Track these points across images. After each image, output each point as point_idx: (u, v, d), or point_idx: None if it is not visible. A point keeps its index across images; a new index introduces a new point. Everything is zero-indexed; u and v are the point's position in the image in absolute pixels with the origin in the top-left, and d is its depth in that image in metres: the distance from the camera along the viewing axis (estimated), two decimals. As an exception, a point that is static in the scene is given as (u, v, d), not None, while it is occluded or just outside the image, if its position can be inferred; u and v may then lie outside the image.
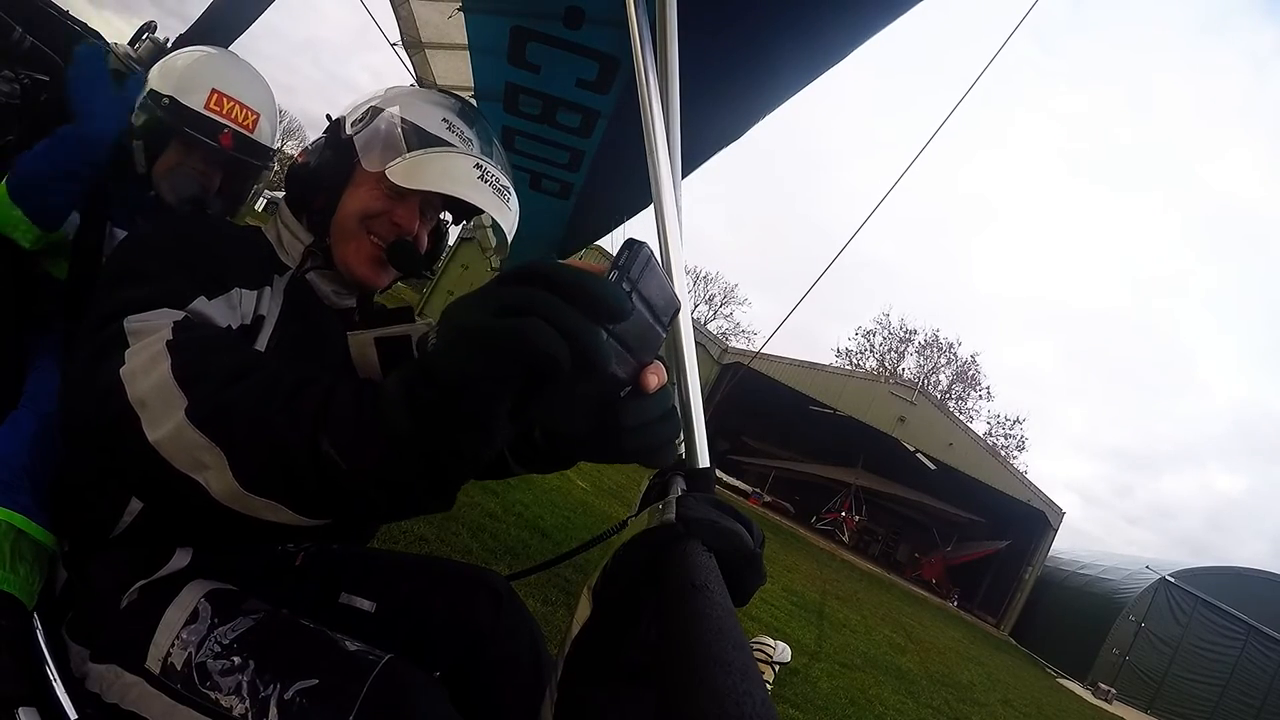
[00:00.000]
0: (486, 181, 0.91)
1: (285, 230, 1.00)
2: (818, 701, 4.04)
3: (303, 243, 0.99)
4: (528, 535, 3.99)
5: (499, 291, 0.45)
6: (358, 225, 0.96)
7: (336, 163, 0.97)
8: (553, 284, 0.44)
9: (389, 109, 0.97)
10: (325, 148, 0.99)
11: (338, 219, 0.97)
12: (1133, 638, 17.94)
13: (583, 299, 0.44)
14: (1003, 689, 9.01)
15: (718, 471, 1.04)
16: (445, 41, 2.10)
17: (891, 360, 40.29)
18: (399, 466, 0.50)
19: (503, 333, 0.42)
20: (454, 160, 0.91)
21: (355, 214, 0.95)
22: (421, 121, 0.95)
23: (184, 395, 0.58)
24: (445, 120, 0.97)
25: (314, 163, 0.99)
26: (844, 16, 1.50)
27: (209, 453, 0.56)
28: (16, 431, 1.06)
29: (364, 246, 0.96)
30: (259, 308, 0.89)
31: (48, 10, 1.67)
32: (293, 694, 0.77)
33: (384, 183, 0.93)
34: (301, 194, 1.00)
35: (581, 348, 0.43)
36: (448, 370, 0.45)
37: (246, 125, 1.43)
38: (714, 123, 2.00)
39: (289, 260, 0.99)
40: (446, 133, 0.96)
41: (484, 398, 0.45)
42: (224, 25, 1.89)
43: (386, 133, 0.95)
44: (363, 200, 0.95)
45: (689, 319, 0.97)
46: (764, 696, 0.33)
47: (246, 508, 0.58)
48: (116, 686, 0.79)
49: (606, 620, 0.58)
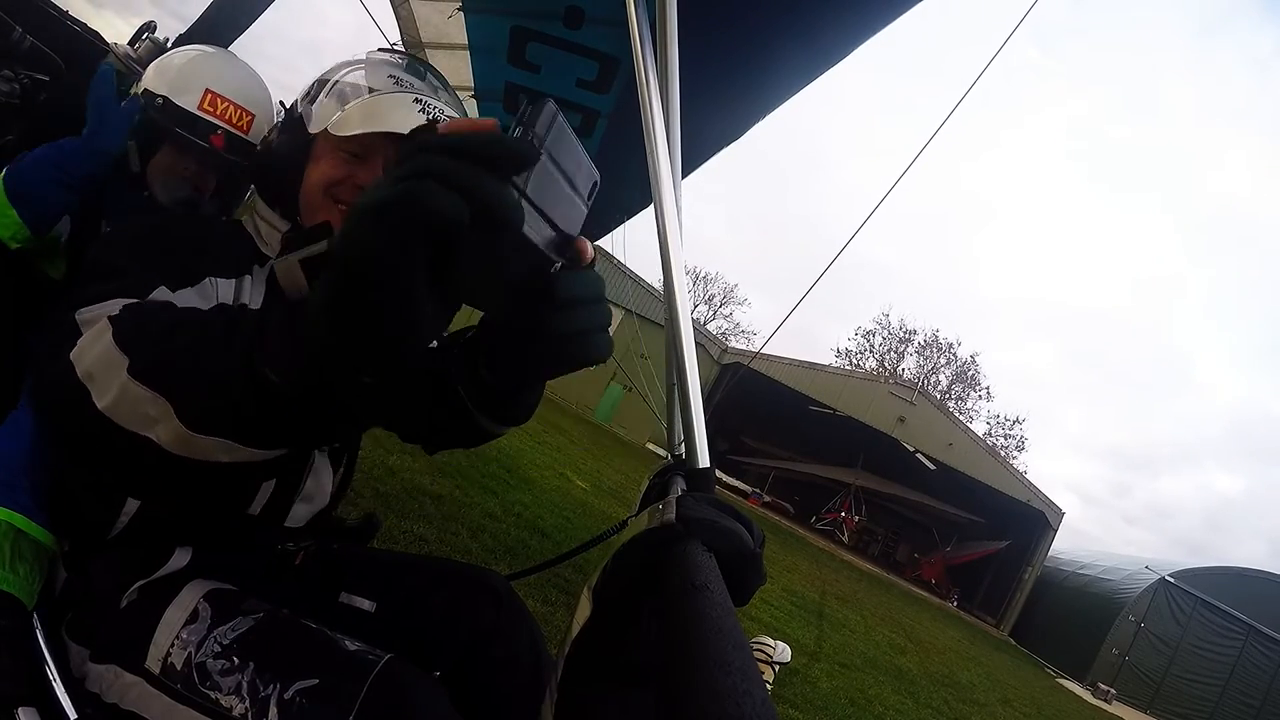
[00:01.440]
0: (427, 114, 0.90)
1: (262, 221, 1.00)
2: (817, 702, 4.04)
3: (279, 230, 0.98)
4: (527, 535, 3.99)
5: (393, 166, 0.44)
6: (323, 196, 0.94)
7: (292, 142, 0.97)
8: (445, 146, 0.43)
9: (334, 76, 0.98)
10: (281, 131, 1.00)
11: (304, 195, 0.96)
12: (1132, 638, 17.96)
13: (477, 152, 0.42)
14: (1002, 689, 9.01)
15: (717, 472, 1.04)
16: (445, 41, 2.10)
17: (891, 360, 40.33)
18: (331, 366, 0.48)
19: (395, 200, 0.41)
20: (392, 100, 0.91)
21: (318, 185, 0.94)
22: (367, 80, 0.96)
23: (125, 356, 0.58)
24: (392, 76, 0.97)
25: (272, 146, 1.00)
26: (844, 16, 1.50)
27: (154, 405, 0.56)
28: (16, 431, 1.06)
29: (333, 215, 0.94)
30: (240, 295, 0.88)
31: (48, 10, 1.67)
32: (293, 694, 0.77)
33: (340, 149, 0.92)
34: (267, 180, 1.00)
35: (482, 202, 0.41)
36: (348, 250, 0.43)
37: (241, 126, 1.42)
38: (714, 123, 2.01)
39: (270, 250, 0.98)
40: (394, 88, 0.95)
41: (390, 271, 0.43)
42: (223, 25, 1.89)
43: (332, 96, 0.95)
44: (323, 170, 0.94)
45: (689, 319, 0.97)
46: (764, 696, 0.33)
47: (199, 451, 0.57)
48: (116, 686, 0.79)
49: (606, 620, 0.57)
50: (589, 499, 6.41)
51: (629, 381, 16.87)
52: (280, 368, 0.50)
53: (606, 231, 4.04)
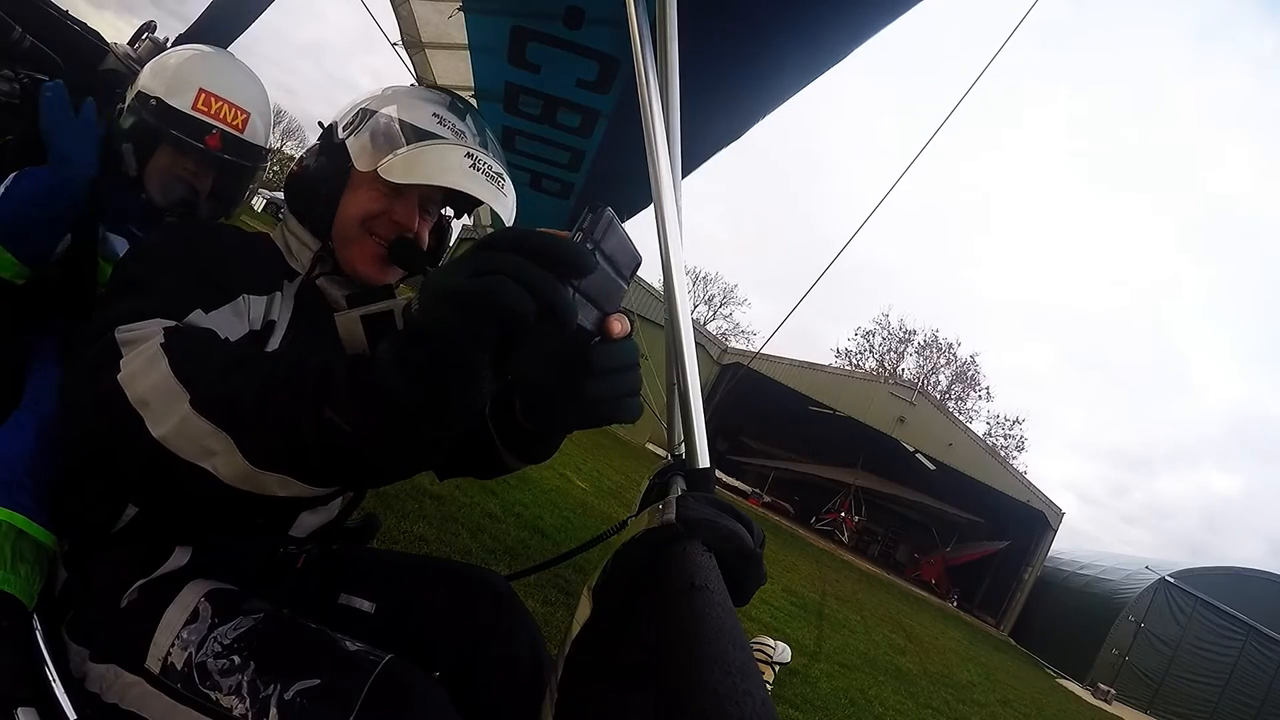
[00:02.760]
0: (479, 169, 0.90)
1: (292, 237, 1.00)
2: (817, 702, 4.04)
3: (310, 249, 0.99)
4: (527, 536, 3.99)
5: (472, 258, 0.50)
6: (358, 228, 0.95)
7: (331, 168, 0.97)
8: (520, 247, 0.50)
9: (378, 109, 0.97)
10: (320, 154, 1.00)
11: (338, 223, 0.97)
12: (1132, 638, 17.93)
13: (548, 258, 0.49)
14: (1002, 689, 9.01)
15: (717, 472, 1.04)
16: (445, 41, 2.10)
17: (891, 360, 40.32)
18: (398, 423, 0.55)
19: (475, 291, 0.48)
20: (444, 151, 0.91)
21: (355, 217, 0.95)
22: (411, 118, 0.95)
23: (186, 389, 0.61)
24: (436, 115, 0.97)
25: (310, 170, 1.00)
26: (844, 16, 1.50)
27: (216, 438, 0.59)
28: (18, 432, 1.06)
29: (367, 247, 0.96)
30: (269, 313, 0.90)
31: (48, 10, 1.66)
32: (293, 694, 0.77)
33: (379, 182, 0.93)
34: (302, 202, 1.00)
35: (548, 302, 0.49)
36: (430, 328, 0.51)
37: (236, 126, 1.41)
38: (714, 123, 2.00)
39: (298, 266, 0.99)
40: (438, 127, 0.95)
41: (463, 351, 0.51)
42: (223, 25, 1.89)
43: (377, 132, 0.95)
44: (361, 203, 0.95)
45: (689, 319, 0.97)
46: (764, 696, 0.33)
47: (257, 486, 0.61)
48: (116, 686, 0.79)
49: (606, 620, 0.57)
50: (589, 499, 6.40)
51: (629, 381, 16.79)
52: (349, 417, 0.56)
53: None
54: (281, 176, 43.89)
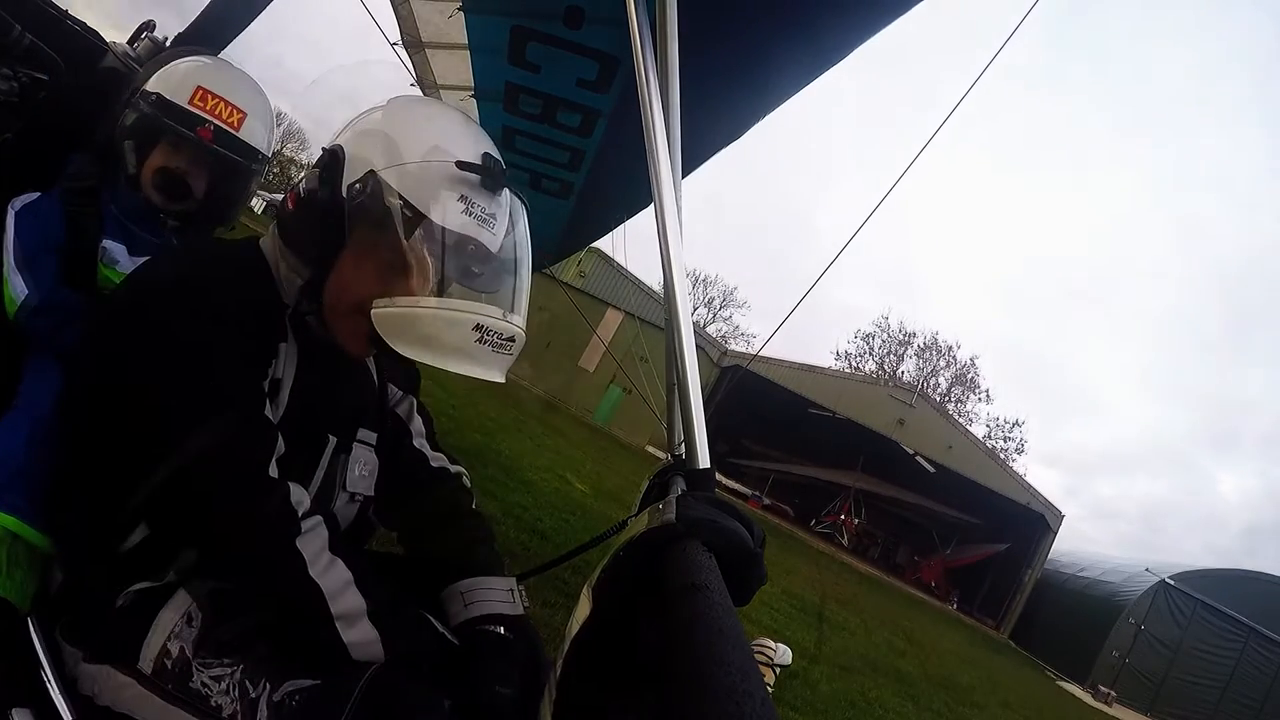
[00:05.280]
0: (486, 341, 0.82)
1: (283, 261, 0.94)
2: (818, 704, 4.03)
3: (300, 278, 0.92)
4: (527, 537, 3.98)
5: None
6: (354, 310, 0.87)
7: (327, 229, 0.87)
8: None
9: (390, 178, 0.84)
10: (316, 204, 0.87)
11: (332, 291, 0.89)
12: (1133, 640, 17.93)
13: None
14: (1003, 692, 9.00)
15: (717, 475, 1.04)
16: (445, 41, 2.11)
17: (890, 363, 40.33)
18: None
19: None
20: (452, 324, 0.82)
21: (351, 302, 0.87)
22: (429, 206, 0.83)
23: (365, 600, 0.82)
24: (464, 199, 0.84)
25: (303, 218, 0.89)
26: (844, 17, 1.50)
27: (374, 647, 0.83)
28: (11, 433, 1.06)
29: (359, 327, 0.87)
30: (276, 370, 0.88)
31: (47, 9, 1.66)
32: (282, 695, 0.77)
33: (374, 254, 0.86)
34: (296, 244, 0.92)
35: None
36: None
37: (231, 123, 1.41)
38: (714, 123, 2.00)
39: (286, 295, 0.93)
40: (461, 217, 0.84)
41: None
42: (223, 24, 1.88)
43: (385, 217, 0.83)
44: (359, 286, 0.86)
45: (689, 320, 0.97)
46: (764, 695, 0.33)
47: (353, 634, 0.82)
48: (110, 688, 0.78)
49: (606, 620, 0.57)
50: (589, 501, 6.40)
51: (629, 383, 16.88)
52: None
53: (606, 231, 4.04)
54: (282, 178, 43.31)
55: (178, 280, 0.87)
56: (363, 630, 0.80)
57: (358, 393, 1.04)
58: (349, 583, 0.81)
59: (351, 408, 1.01)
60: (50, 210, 1.31)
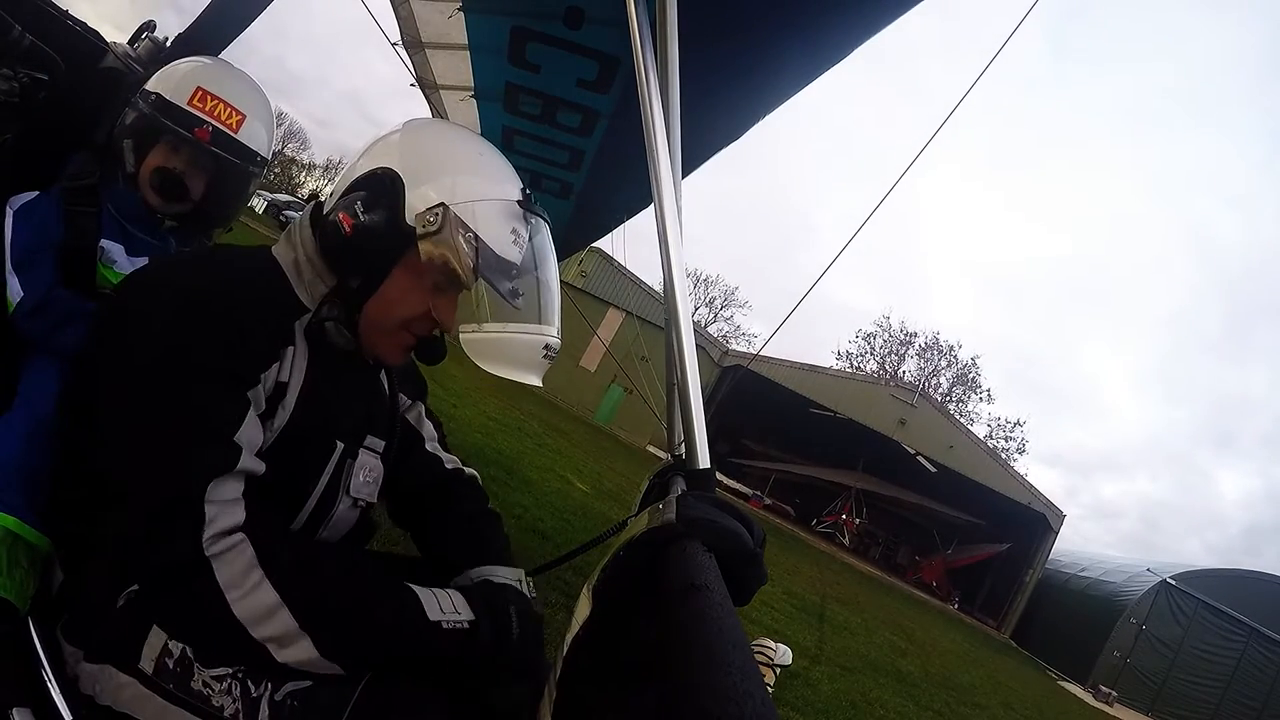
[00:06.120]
0: (548, 357, 0.97)
1: (307, 264, 0.94)
2: (818, 704, 4.02)
3: (325, 285, 0.93)
4: (527, 538, 3.98)
5: None
6: (399, 326, 0.94)
7: (386, 250, 0.90)
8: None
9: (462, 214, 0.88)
10: (376, 229, 0.89)
11: (376, 309, 0.92)
12: (1134, 640, 17.92)
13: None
14: (1004, 692, 8.99)
15: (718, 474, 1.04)
16: (445, 41, 2.10)
17: (892, 363, 40.32)
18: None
19: None
20: (529, 346, 0.96)
21: (399, 318, 0.93)
22: (495, 241, 0.91)
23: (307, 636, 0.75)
24: (514, 232, 0.93)
25: (359, 239, 0.90)
26: (844, 17, 1.50)
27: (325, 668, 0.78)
28: (10, 433, 1.06)
29: (401, 340, 0.96)
30: (280, 374, 0.87)
31: (47, 9, 1.66)
32: (283, 695, 0.77)
33: (429, 276, 0.90)
34: (341, 262, 0.93)
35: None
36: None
37: (230, 124, 1.41)
38: (714, 123, 2.00)
39: (306, 298, 0.93)
40: (510, 248, 0.93)
41: None
42: (223, 23, 1.88)
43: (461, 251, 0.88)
44: (409, 305, 0.92)
45: (689, 320, 0.97)
46: (764, 695, 0.33)
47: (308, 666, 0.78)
48: (110, 687, 0.78)
49: (606, 619, 0.57)
50: (589, 501, 6.39)
51: (630, 383, 16.88)
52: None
53: (606, 231, 4.04)
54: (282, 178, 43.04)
55: (175, 287, 0.86)
56: (302, 649, 0.75)
57: (368, 400, 1.04)
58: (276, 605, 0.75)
59: (361, 415, 1.01)
60: (48, 209, 1.30)
